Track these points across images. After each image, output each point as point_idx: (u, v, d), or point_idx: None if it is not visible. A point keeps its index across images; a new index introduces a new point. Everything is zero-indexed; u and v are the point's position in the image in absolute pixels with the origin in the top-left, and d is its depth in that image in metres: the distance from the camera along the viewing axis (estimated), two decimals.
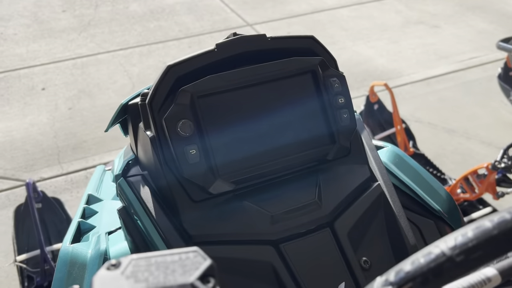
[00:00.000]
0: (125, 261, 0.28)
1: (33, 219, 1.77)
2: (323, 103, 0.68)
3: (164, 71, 0.63)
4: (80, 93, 3.00)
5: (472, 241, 0.28)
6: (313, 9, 4.18)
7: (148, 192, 0.66)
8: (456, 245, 0.28)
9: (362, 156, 0.72)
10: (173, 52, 3.47)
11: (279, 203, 0.64)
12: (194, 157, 0.61)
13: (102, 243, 0.72)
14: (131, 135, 0.75)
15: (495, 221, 0.28)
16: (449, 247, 0.28)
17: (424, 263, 0.28)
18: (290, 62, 0.67)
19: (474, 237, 0.28)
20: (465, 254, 0.27)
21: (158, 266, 0.27)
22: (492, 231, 0.28)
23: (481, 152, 2.50)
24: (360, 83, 3.11)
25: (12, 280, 1.89)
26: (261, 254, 0.61)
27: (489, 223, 0.28)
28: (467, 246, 0.28)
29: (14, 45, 3.58)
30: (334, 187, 0.68)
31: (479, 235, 0.28)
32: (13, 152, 2.51)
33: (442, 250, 0.28)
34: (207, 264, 0.28)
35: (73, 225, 0.81)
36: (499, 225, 0.28)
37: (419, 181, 0.83)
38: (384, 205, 0.69)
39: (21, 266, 1.76)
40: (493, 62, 3.34)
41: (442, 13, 4.10)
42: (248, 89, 0.65)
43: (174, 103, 0.61)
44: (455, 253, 0.28)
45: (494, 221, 0.28)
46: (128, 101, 0.73)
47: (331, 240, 0.64)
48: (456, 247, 0.28)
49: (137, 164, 0.73)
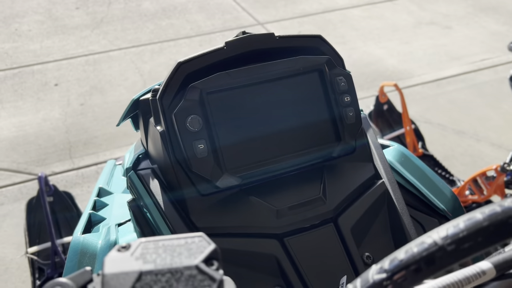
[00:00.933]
0: (135, 244, 0.30)
1: (45, 212, 1.80)
2: (329, 101, 0.69)
3: (174, 67, 0.64)
4: (92, 89, 3.04)
5: (463, 231, 0.29)
6: (324, 8, 4.18)
7: (157, 185, 0.68)
8: (448, 235, 0.29)
9: (367, 154, 0.73)
10: (185, 50, 3.50)
11: (284, 198, 0.66)
12: (202, 151, 0.62)
13: (112, 234, 0.74)
14: (141, 130, 0.78)
15: (486, 213, 0.29)
16: (441, 237, 0.29)
17: (417, 252, 0.30)
18: (297, 61, 0.68)
19: (465, 228, 0.29)
20: (456, 244, 0.29)
21: (165, 249, 0.29)
22: (482, 222, 0.29)
23: (491, 154, 2.49)
24: (370, 83, 3.11)
25: (23, 272, 1.93)
26: (266, 247, 0.63)
27: (480, 215, 0.29)
28: (458, 236, 0.29)
29: (29, 41, 3.63)
30: (339, 184, 0.69)
31: (470, 226, 0.29)
32: (26, 146, 2.56)
33: (434, 240, 0.29)
34: (211, 248, 0.30)
35: (84, 216, 0.84)
36: (489, 217, 0.29)
37: (424, 180, 0.84)
38: (387, 203, 0.70)
39: (32, 258, 1.80)
40: (505, 64, 3.31)
41: (455, 14, 4.08)
42: (255, 86, 0.66)
43: (184, 99, 0.63)
44: (447, 243, 0.29)
45: (485, 213, 0.29)
46: (139, 96, 0.75)
47: (334, 235, 0.65)
48: (447, 237, 0.29)
49: (147, 158, 0.75)
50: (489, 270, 0.39)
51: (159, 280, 0.27)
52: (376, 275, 0.31)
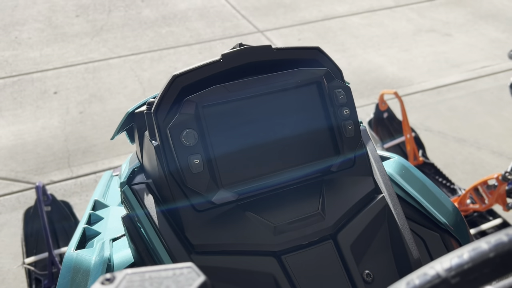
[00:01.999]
0: (119, 276, 0.28)
1: (42, 222, 1.79)
2: (328, 115, 0.68)
3: (169, 81, 0.63)
4: (91, 98, 3.04)
5: (468, 263, 0.27)
6: (324, 16, 4.19)
7: (152, 201, 0.66)
8: (452, 267, 0.28)
9: (367, 167, 0.71)
10: (184, 57, 3.49)
11: (282, 214, 0.64)
12: (197, 166, 0.61)
13: (106, 250, 0.72)
14: (136, 143, 0.76)
15: (492, 243, 0.28)
16: (444, 268, 0.28)
17: (418, 285, 0.28)
18: (295, 73, 0.67)
19: (470, 259, 0.27)
20: (460, 276, 0.27)
21: (152, 282, 0.28)
22: (488, 253, 0.27)
23: (492, 163, 2.47)
24: (370, 90, 3.10)
25: (20, 283, 1.91)
26: (263, 265, 0.61)
27: (485, 245, 0.28)
28: (462, 268, 0.27)
29: (28, 49, 3.63)
30: (338, 199, 0.67)
31: (475, 257, 0.27)
32: (25, 155, 2.55)
33: (437, 272, 0.28)
34: (201, 280, 0.28)
35: (78, 231, 0.82)
36: (496, 247, 0.27)
37: (425, 193, 0.82)
38: (388, 218, 0.69)
39: (29, 268, 1.78)
40: (505, 72, 3.30)
41: (454, 22, 4.08)
42: (252, 99, 0.65)
43: (179, 113, 0.61)
44: (450, 275, 0.27)
45: (491, 243, 0.28)
46: (134, 109, 0.74)
47: (333, 252, 0.64)
48: (451, 269, 0.28)
49: (142, 172, 0.74)
50: None
51: None
52: None
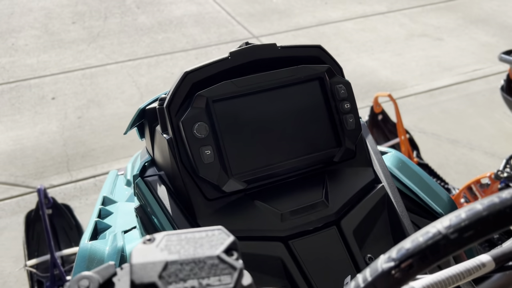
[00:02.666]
0: (159, 236, 0.32)
1: (44, 225, 1.81)
2: (330, 108, 0.72)
3: (181, 77, 0.67)
4: (89, 103, 3.06)
5: (465, 221, 0.31)
6: (318, 21, 4.25)
7: (164, 191, 0.70)
8: (451, 225, 0.32)
9: (367, 159, 0.75)
10: (181, 63, 3.53)
11: (288, 202, 0.68)
12: (209, 157, 0.65)
13: (119, 241, 0.76)
14: (147, 138, 0.80)
15: (485, 204, 0.32)
16: (444, 226, 0.32)
17: (422, 241, 0.32)
18: (298, 70, 0.71)
19: (467, 217, 0.32)
20: (458, 232, 0.31)
21: (188, 241, 0.31)
22: (482, 212, 0.31)
23: (484, 163, 2.53)
24: (365, 94, 3.16)
25: (21, 285, 1.93)
26: (271, 250, 0.64)
27: (480, 206, 0.32)
28: (460, 225, 0.31)
29: (25, 55, 3.65)
30: (340, 188, 0.71)
31: (471, 216, 0.31)
32: (24, 159, 2.57)
33: (438, 229, 0.32)
34: (231, 239, 0.32)
35: (90, 224, 0.85)
36: (488, 207, 0.32)
37: (421, 185, 0.86)
38: (387, 206, 0.73)
39: (31, 270, 1.80)
40: (496, 74, 3.38)
41: (445, 26, 4.16)
42: (259, 94, 0.69)
43: (191, 107, 0.65)
44: (450, 232, 0.31)
45: (484, 204, 0.32)
46: (145, 106, 0.77)
47: (337, 238, 0.67)
48: (450, 227, 0.32)
49: (153, 166, 0.77)
50: (489, 262, 0.41)
51: (184, 269, 0.29)
52: (384, 264, 0.33)
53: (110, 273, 0.33)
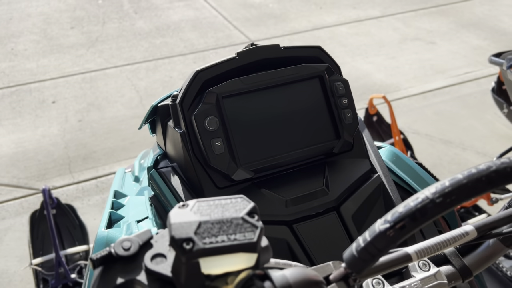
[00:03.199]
0: (191, 203, 0.37)
1: (49, 224, 1.85)
2: (329, 104, 0.78)
3: (193, 75, 0.73)
4: (89, 106, 3.11)
5: (448, 187, 0.38)
6: (313, 26, 4.33)
7: (177, 181, 0.75)
8: (436, 191, 0.38)
9: (363, 150, 0.82)
10: (179, 67, 3.59)
11: (292, 189, 0.74)
12: (219, 148, 0.71)
13: (133, 229, 0.81)
14: (159, 133, 0.85)
15: (465, 174, 0.38)
16: (431, 192, 0.38)
17: (413, 205, 0.38)
18: (300, 68, 0.77)
19: (450, 185, 0.38)
20: (443, 197, 0.37)
21: (216, 206, 0.37)
22: (462, 180, 0.38)
23: (477, 162, 2.60)
24: (359, 96, 3.23)
25: (26, 284, 1.97)
26: (278, 233, 0.70)
27: (460, 176, 0.38)
28: (444, 191, 0.37)
29: (25, 60, 3.70)
30: (339, 177, 0.77)
31: (453, 183, 0.38)
32: (26, 162, 2.61)
33: (426, 195, 0.38)
34: (252, 205, 0.38)
35: (105, 214, 0.90)
36: (468, 176, 0.38)
37: (415, 177, 0.92)
38: (383, 193, 0.79)
39: (36, 269, 1.84)
40: (487, 77, 3.46)
41: (438, 30, 4.25)
42: (265, 91, 0.75)
43: (203, 102, 0.71)
44: (436, 197, 0.37)
45: (464, 174, 0.38)
46: (158, 103, 0.83)
47: (337, 222, 0.73)
48: (436, 192, 0.38)
49: (165, 158, 0.83)
50: (471, 231, 0.47)
51: (214, 227, 0.35)
52: (381, 226, 0.39)
53: (148, 236, 0.39)
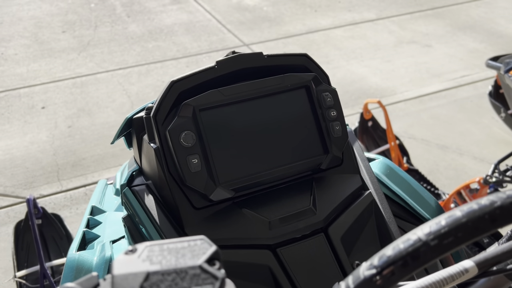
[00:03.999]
0: (141, 247, 0.32)
1: (33, 235, 1.79)
2: (317, 116, 0.72)
3: (168, 86, 0.67)
4: (80, 112, 3.05)
5: (444, 228, 0.32)
6: (308, 29, 4.28)
7: (152, 200, 0.70)
8: (431, 232, 0.32)
9: (354, 165, 0.76)
10: (172, 71, 3.53)
11: (276, 209, 0.68)
12: (196, 166, 0.65)
13: (107, 251, 0.75)
14: (135, 147, 0.80)
15: (464, 210, 0.32)
16: (424, 233, 0.32)
17: (403, 248, 0.32)
18: (285, 78, 0.71)
19: (446, 224, 0.32)
20: (438, 239, 0.32)
21: (170, 251, 0.31)
22: (461, 219, 0.32)
23: (474, 168, 2.55)
24: (354, 101, 3.18)
25: None
26: (259, 258, 0.65)
27: (459, 213, 0.32)
28: (440, 232, 0.32)
29: (15, 65, 3.64)
30: (328, 195, 0.72)
31: (451, 223, 0.32)
32: (13, 169, 2.54)
33: (419, 236, 0.32)
34: (213, 249, 0.32)
35: (78, 234, 0.85)
36: (467, 214, 0.32)
37: (409, 191, 0.87)
38: (375, 212, 0.73)
39: (20, 281, 1.77)
40: (483, 80, 3.42)
41: (434, 33, 4.21)
42: (246, 103, 0.69)
43: (178, 116, 0.65)
44: (430, 238, 0.32)
45: (463, 211, 0.32)
46: (132, 115, 0.77)
47: (325, 245, 0.68)
48: (430, 233, 0.32)
49: (141, 175, 0.77)
50: (472, 268, 0.41)
51: (166, 279, 0.29)
52: (366, 271, 0.33)
53: (93, 284, 0.33)
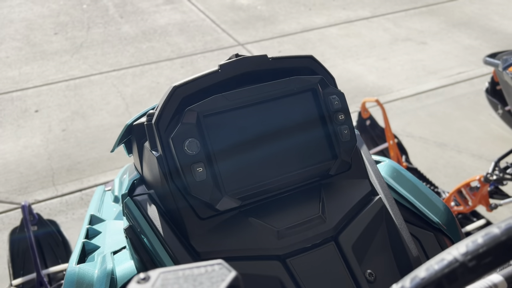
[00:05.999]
0: (154, 275, 0.29)
1: (29, 242, 1.75)
2: (324, 120, 0.70)
3: (170, 92, 0.64)
4: (74, 115, 3.01)
5: (483, 247, 0.29)
6: (303, 28, 4.26)
7: (155, 211, 0.67)
8: (468, 251, 0.30)
9: (363, 170, 0.74)
10: (166, 72, 3.50)
11: (284, 218, 0.66)
12: (201, 174, 0.62)
13: (108, 263, 0.72)
14: (135, 155, 0.77)
15: (502, 227, 0.30)
16: (461, 253, 0.30)
17: (438, 269, 0.30)
18: (291, 81, 0.69)
19: (484, 243, 0.30)
20: (477, 259, 0.29)
21: (186, 279, 0.29)
22: (500, 237, 0.29)
23: (473, 165, 2.54)
24: (351, 99, 3.16)
25: None
26: (268, 269, 0.62)
27: (497, 230, 0.30)
28: (478, 252, 0.29)
29: (7, 68, 3.58)
30: (337, 202, 0.69)
31: (489, 241, 0.30)
32: (7, 175, 2.50)
33: (455, 257, 0.30)
34: (233, 275, 0.29)
35: (78, 245, 0.81)
36: (507, 231, 0.30)
37: (417, 194, 0.85)
38: (386, 218, 0.71)
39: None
40: (480, 77, 3.41)
41: (429, 30, 4.20)
42: (251, 107, 0.67)
43: (181, 123, 0.62)
44: (467, 259, 0.29)
45: (502, 228, 0.30)
46: (133, 121, 0.75)
47: (336, 254, 0.65)
48: (468, 253, 0.30)
49: (142, 184, 0.74)
50: (501, 283, 0.39)
51: None
52: None
53: None
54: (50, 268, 1.82)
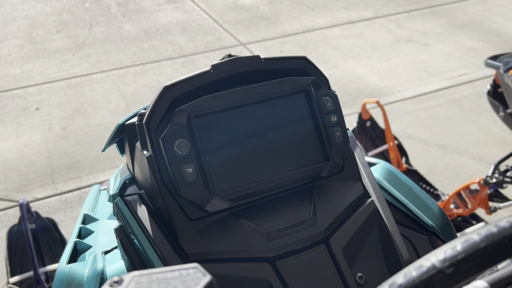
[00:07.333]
0: (127, 278, 0.29)
1: (27, 240, 1.75)
2: (317, 122, 0.69)
3: (161, 91, 0.64)
4: (74, 113, 3.01)
5: (461, 253, 0.29)
6: (305, 28, 4.25)
7: (145, 211, 0.66)
8: (446, 258, 0.29)
9: (355, 172, 0.73)
10: (167, 71, 3.50)
11: (274, 220, 0.65)
12: (190, 175, 0.62)
13: (98, 263, 0.72)
14: (127, 155, 0.76)
15: (482, 234, 0.29)
16: (439, 260, 0.29)
17: (416, 276, 0.29)
18: (283, 82, 0.68)
19: (463, 250, 0.29)
20: (454, 266, 0.29)
21: (159, 283, 0.28)
22: (479, 244, 0.29)
23: (473, 168, 2.53)
24: (352, 100, 3.15)
25: None
26: (258, 272, 0.62)
27: (477, 236, 0.29)
28: (456, 258, 0.29)
29: (8, 65, 3.59)
30: (329, 204, 0.69)
31: (468, 248, 0.29)
32: (7, 172, 2.50)
33: (433, 263, 0.29)
34: (207, 280, 0.29)
35: (69, 245, 0.81)
36: (486, 238, 0.29)
37: (412, 197, 0.84)
38: (377, 221, 0.70)
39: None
40: (482, 79, 3.40)
41: (431, 32, 4.19)
42: (243, 108, 0.66)
43: (171, 123, 0.62)
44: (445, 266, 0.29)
45: (481, 234, 0.29)
46: (125, 121, 0.74)
47: (326, 257, 0.65)
48: (446, 260, 0.29)
49: (133, 184, 0.74)
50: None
51: None
52: None
53: None
54: (48, 266, 1.82)
